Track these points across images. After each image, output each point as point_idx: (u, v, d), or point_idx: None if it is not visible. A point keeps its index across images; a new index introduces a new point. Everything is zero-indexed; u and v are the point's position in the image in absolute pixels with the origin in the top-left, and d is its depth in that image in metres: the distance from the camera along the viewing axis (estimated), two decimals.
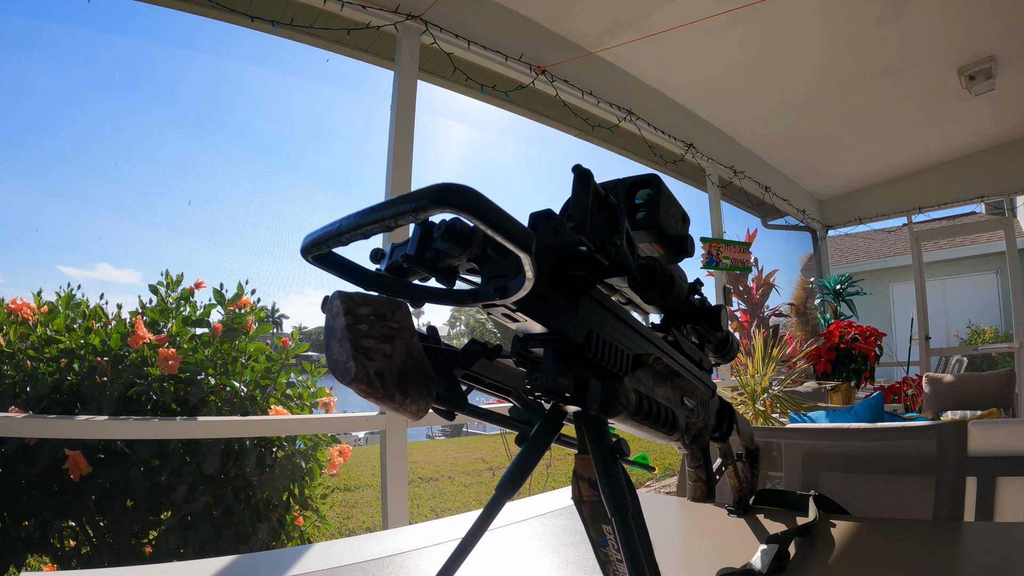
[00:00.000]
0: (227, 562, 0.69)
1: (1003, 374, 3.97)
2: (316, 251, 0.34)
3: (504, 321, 0.36)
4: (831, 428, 0.98)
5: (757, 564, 0.58)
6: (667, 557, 0.66)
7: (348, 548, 0.74)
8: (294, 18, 2.28)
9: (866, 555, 0.65)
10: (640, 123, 3.53)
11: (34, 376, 1.90)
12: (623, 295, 0.46)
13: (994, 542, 0.69)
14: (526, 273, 0.30)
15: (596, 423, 0.39)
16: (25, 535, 1.83)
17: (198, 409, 2.01)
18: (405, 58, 2.39)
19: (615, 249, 0.36)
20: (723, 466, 0.74)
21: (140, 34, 3.85)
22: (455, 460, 6.90)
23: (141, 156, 3.94)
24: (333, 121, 6.30)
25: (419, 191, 0.27)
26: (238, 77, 5.52)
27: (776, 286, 5.65)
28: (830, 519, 0.78)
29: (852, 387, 3.72)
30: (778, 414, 3.03)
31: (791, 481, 0.99)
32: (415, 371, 0.29)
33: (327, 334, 0.29)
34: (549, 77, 3.01)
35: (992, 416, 3.14)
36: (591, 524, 0.42)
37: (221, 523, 1.99)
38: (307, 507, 2.27)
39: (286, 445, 2.21)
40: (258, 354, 2.23)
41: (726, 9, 2.78)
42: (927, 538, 0.71)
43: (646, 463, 0.83)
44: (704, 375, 0.57)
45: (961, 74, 3.55)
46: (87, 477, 1.81)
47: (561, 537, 0.77)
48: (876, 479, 0.90)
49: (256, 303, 2.31)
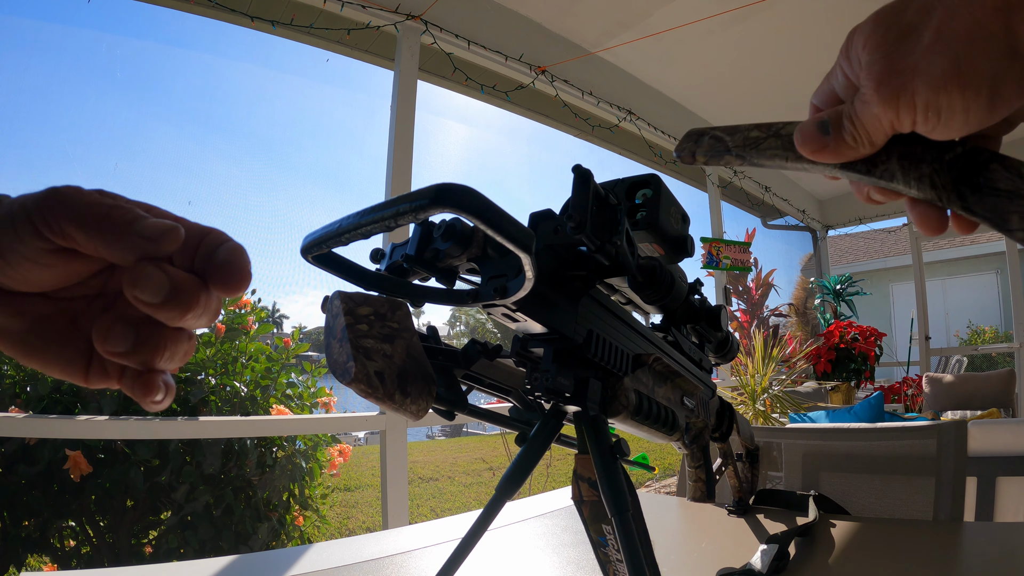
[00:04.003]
0: (227, 562, 0.69)
1: (1003, 374, 3.96)
2: (316, 251, 0.34)
3: (504, 321, 0.36)
4: (831, 428, 0.98)
5: (757, 564, 0.58)
6: (667, 557, 0.66)
7: (348, 548, 0.74)
8: (294, 18, 2.28)
9: (866, 555, 0.65)
10: (640, 123, 3.53)
11: (34, 376, 1.90)
12: (623, 295, 0.46)
13: (994, 542, 0.69)
14: (526, 273, 0.30)
15: (596, 423, 0.39)
16: (25, 535, 1.83)
17: (199, 409, 2.01)
18: (405, 58, 2.39)
19: (615, 249, 0.36)
20: (723, 466, 0.74)
21: (140, 34, 3.85)
22: (455, 460, 6.90)
23: (141, 156, 3.94)
24: (333, 121, 6.30)
25: (419, 191, 0.27)
26: (238, 77, 5.52)
27: (776, 286, 5.65)
28: (830, 519, 0.78)
29: (852, 387, 3.72)
30: (778, 414, 3.03)
31: (791, 481, 0.99)
32: (415, 371, 0.29)
33: (327, 334, 0.29)
34: (549, 77, 3.00)
35: (992, 416, 3.14)
36: (591, 524, 0.42)
37: (221, 523, 1.99)
38: (307, 507, 2.27)
39: (286, 445, 2.21)
40: (258, 354, 2.23)
41: (726, 9, 2.78)
42: (927, 538, 0.71)
43: (646, 463, 0.83)
44: (704, 375, 0.57)
45: None
46: (87, 477, 1.81)
47: (561, 537, 0.77)
48: (876, 479, 0.90)
49: (256, 303, 2.31)
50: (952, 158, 0.24)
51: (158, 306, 0.25)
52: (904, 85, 0.22)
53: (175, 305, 0.25)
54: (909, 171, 0.24)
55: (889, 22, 0.23)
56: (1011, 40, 0.20)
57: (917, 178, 0.24)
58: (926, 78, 0.21)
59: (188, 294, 0.25)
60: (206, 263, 0.26)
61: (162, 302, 0.24)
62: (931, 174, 0.24)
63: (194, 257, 0.26)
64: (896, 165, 0.25)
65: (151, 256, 0.25)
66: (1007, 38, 0.20)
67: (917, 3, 0.22)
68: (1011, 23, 0.20)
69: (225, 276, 0.26)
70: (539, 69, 2.95)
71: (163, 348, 0.26)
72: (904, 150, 0.24)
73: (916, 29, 0.22)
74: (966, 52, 0.20)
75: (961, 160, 0.23)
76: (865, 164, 0.25)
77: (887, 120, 0.23)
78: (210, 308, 0.26)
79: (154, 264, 0.25)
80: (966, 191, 0.23)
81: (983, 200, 0.23)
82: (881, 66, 0.22)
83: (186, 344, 0.28)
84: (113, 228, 0.24)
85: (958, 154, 0.24)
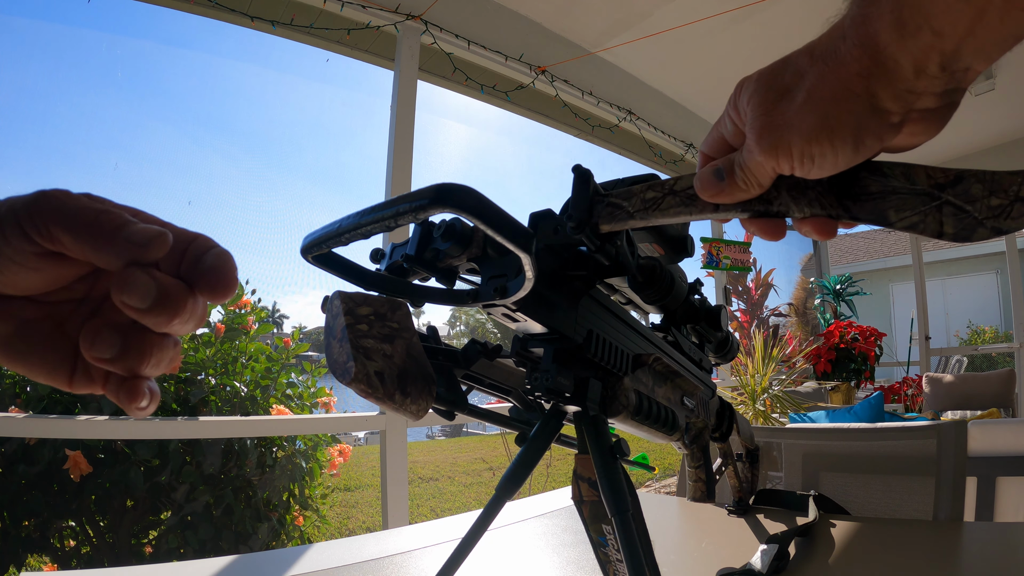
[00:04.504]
0: (227, 562, 0.69)
1: (1003, 374, 3.96)
2: (316, 251, 0.34)
3: (504, 321, 0.36)
4: (831, 428, 0.98)
5: (757, 564, 0.58)
6: (667, 557, 0.66)
7: (348, 548, 0.74)
8: (294, 18, 2.28)
9: (866, 555, 0.65)
10: (640, 123, 3.52)
11: None
12: (623, 295, 0.46)
13: (994, 542, 0.69)
14: (526, 273, 0.30)
15: (596, 423, 0.39)
16: (25, 535, 1.83)
17: (198, 409, 2.01)
18: (405, 58, 2.39)
19: (615, 249, 0.36)
20: (723, 466, 0.74)
21: (140, 34, 3.85)
22: (455, 460, 6.90)
23: (141, 156, 3.95)
24: (333, 121, 6.32)
25: (419, 191, 0.27)
26: (238, 77, 5.53)
27: (775, 286, 5.65)
28: (830, 519, 0.78)
29: (852, 387, 3.72)
30: (778, 414, 3.03)
31: (791, 481, 0.99)
32: (415, 371, 0.29)
33: (327, 334, 0.29)
34: (549, 77, 3.00)
35: (992, 416, 3.14)
36: (591, 524, 0.42)
37: (221, 523, 1.99)
38: (307, 507, 2.27)
39: (286, 445, 2.21)
40: (258, 354, 2.23)
41: (726, 9, 2.78)
42: (927, 538, 0.71)
43: (646, 463, 0.84)
44: (704, 375, 0.56)
45: None
46: (87, 477, 1.81)
47: (561, 537, 0.77)
48: (876, 479, 0.90)
49: (256, 303, 2.31)
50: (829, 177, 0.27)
51: (145, 311, 0.25)
52: (781, 138, 0.26)
53: (162, 310, 0.25)
54: (800, 199, 0.28)
55: (769, 83, 0.26)
56: (871, 100, 0.24)
57: (807, 203, 0.27)
58: (799, 132, 0.25)
59: (175, 299, 0.25)
60: (193, 269, 0.26)
61: (149, 307, 0.24)
62: (817, 196, 0.27)
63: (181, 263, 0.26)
64: (787, 197, 0.28)
65: (139, 261, 0.25)
66: (868, 98, 0.24)
67: (792, 68, 0.26)
68: (871, 86, 0.23)
69: (212, 282, 0.26)
70: (539, 69, 2.95)
71: (149, 354, 0.26)
72: (790, 182, 0.28)
73: (791, 90, 0.26)
74: (832, 110, 0.24)
75: (837, 178, 0.27)
76: (762, 203, 0.29)
77: (770, 167, 0.27)
78: (196, 313, 0.27)
79: (142, 269, 0.25)
80: (848, 202, 0.27)
81: (863, 206, 0.26)
82: (762, 122, 0.26)
83: (172, 350, 0.28)
84: (102, 233, 0.24)
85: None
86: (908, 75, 0.23)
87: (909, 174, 0.25)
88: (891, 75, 0.23)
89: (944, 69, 0.22)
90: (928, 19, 0.21)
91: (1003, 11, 0.20)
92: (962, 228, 0.24)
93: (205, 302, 0.27)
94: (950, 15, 0.21)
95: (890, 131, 0.25)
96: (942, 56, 0.22)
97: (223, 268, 0.26)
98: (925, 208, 0.25)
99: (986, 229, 0.24)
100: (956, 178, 0.24)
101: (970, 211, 0.24)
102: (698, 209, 0.30)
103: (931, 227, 0.25)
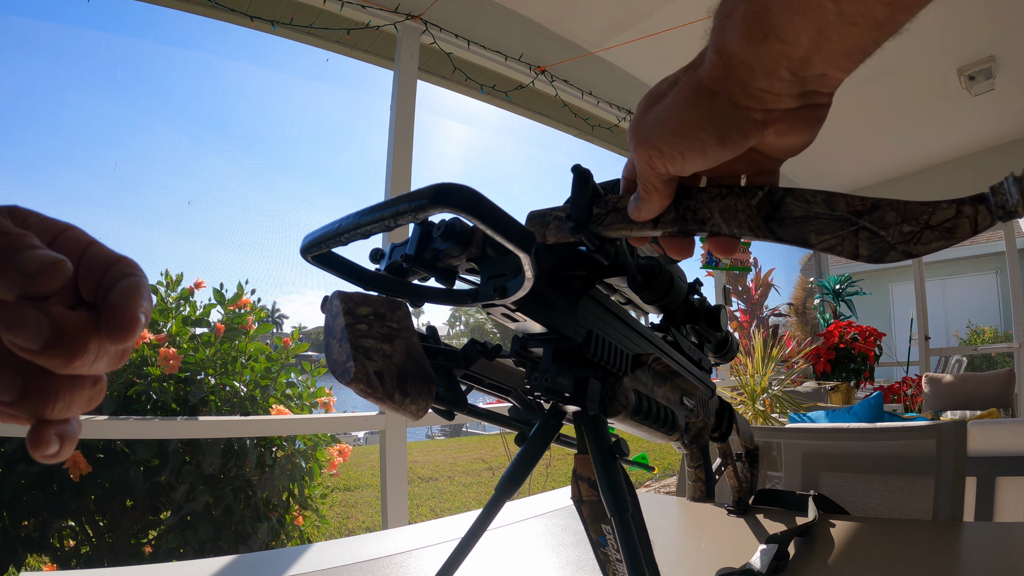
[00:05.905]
0: (227, 562, 0.69)
1: (1003, 374, 3.96)
2: (316, 251, 0.34)
3: (504, 321, 0.36)
4: (831, 428, 0.98)
5: (757, 564, 0.58)
6: (667, 557, 0.66)
7: (348, 548, 0.74)
8: (294, 18, 2.28)
9: (866, 555, 0.65)
10: None
11: None
12: (622, 295, 0.46)
13: (994, 542, 0.69)
14: (525, 273, 0.30)
15: (595, 423, 0.39)
16: (25, 535, 1.83)
17: (198, 409, 2.01)
18: (405, 58, 2.39)
19: (614, 249, 0.36)
20: (723, 466, 0.74)
21: (139, 34, 3.85)
22: (455, 460, 6.90)
23: (141, 156, 3.94)
24: (333, 121, 6.32)
25: (418, 191, 0.27)
26: (238, 77, 5.53)
27: (775, 286, 5.65)
28: (830, 519, 0.78)
29: (852, 387, 3.72)
30: (778, 414, 3.02)
31: (791, 481, 0.99)
32: (415, 371, 0.29)
33: (327, 334, 0.29)
34: (549, 77, 3.00)
35: (992, 416, 3.14)
36: (591, 524, 0.42)
37: (221, 523, 1.99)
38: (307, 507, 2.27)
39: (286, 445, 2.21)
40: (258, 354, 2.23)
41: None
42: (927, 538, 0.71)
43: (646, 463, 0.84)
44: (703, 375, 0.56)
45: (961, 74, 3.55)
46: (87, 477, 1.81)
47: (561, 537, 0.77)
48: (876, 479, 0.90)
49: (256, 303, 2.31)
50: (757, 202, 0.29)
51: (38, 352, 0.21)
52: (648, 135, 0.28)
53: (57, 352, 0.22)
54: (731, 221, 0.29)
55: (650, 94, 0.29)
56: (729, 97, 0.26)
57: (738, 225, 0.29)
58: (663, 128, 0.28)
59: (73, 340, 0.22)
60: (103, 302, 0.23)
61: (41, 349, 0.21)
62: (746, 219, 0.29)
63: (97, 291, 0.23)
64: (720, 219, 0.30)
65: (30, 295, 0.21)
66: (726, 95, 0.26)
67: (670, 79, 0.29)
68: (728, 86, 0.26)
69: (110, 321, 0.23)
70: (539, 69, 2.95)
71: (54, 398, 0.23)
72: (722, 205, 0.30)
73: (663, 95, 0.28)
74: (692, 107, 0.27)
75: (764, 202, 0.29)
76: (698, 225, 0.30)
77: (646, 164, 0.29)
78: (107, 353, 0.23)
79: (32, 304, 0.21)
80: (773, 225, 0.28)
81: (787, 229, 0.28)
82: (635, 123, 0.29)
83: (88, 391, 0.24)
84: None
85: (760, 198, 0.29)
86: (759, 77, 0.25)
87: (830, 201, 0.27)
88: (742, 77, 0.25)
89: (795, 74, 0.24)
90: (774, 29, 0.23)
91: (838, 28, 0.22)
92: (876, 251, 0.25)
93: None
94: (793, 27, 0.23)
95: (754, 127, 0.26)
96: (791, 61, 0.24)
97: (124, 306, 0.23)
98: (843, 232, 0.26)
99: (897, 252, 0.25)
100: (872, 206, 0.26)
101: (884, 236, 0.26)
102: (638, 228, 0.32)
103: (848, 249, 0.26)
